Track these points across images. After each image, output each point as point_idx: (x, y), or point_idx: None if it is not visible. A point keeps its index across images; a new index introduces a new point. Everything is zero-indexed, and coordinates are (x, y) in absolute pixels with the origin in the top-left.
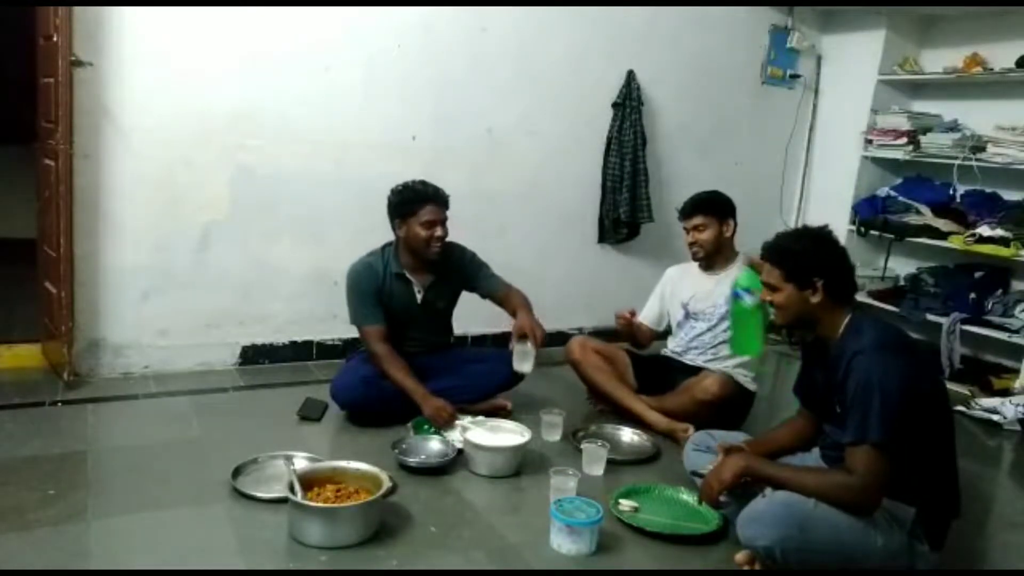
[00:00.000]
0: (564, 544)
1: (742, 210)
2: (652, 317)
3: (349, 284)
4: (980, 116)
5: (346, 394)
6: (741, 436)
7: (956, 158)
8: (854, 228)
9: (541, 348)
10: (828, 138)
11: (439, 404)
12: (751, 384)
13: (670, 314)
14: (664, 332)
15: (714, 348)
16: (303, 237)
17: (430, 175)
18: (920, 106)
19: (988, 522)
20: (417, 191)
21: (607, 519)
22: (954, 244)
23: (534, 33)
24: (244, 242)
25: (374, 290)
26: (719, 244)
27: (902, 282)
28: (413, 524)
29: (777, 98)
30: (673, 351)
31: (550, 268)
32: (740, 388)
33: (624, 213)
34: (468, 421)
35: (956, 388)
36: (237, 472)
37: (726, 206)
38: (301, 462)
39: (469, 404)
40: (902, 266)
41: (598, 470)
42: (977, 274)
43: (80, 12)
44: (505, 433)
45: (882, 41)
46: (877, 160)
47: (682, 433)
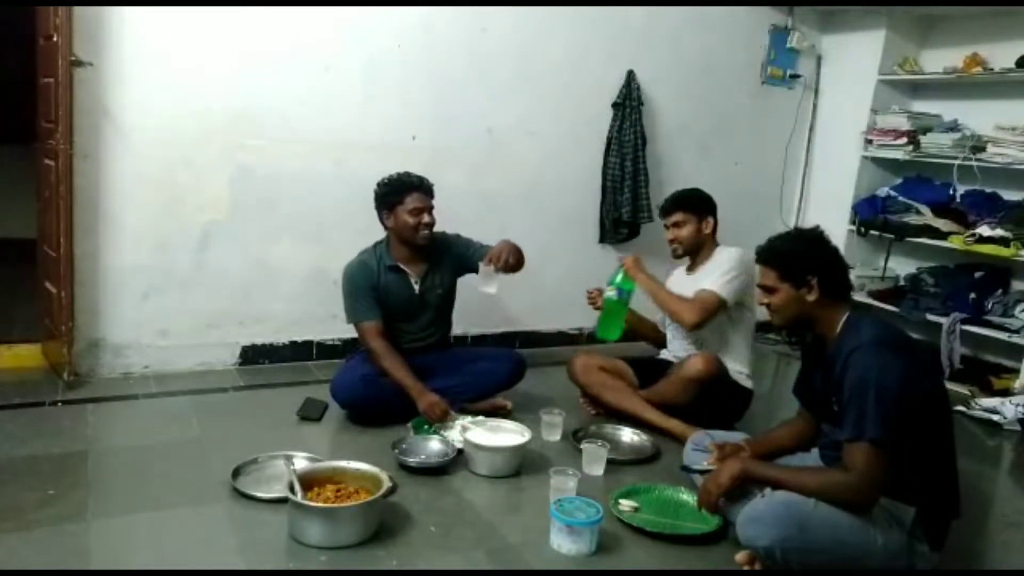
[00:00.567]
0: (564, 544)
1: (742, 210)
2: (659, 317)
3: (345, 282)
4: (980, 116)
5: (346, 393)
6: (740, 436)
7: (956, 158)
8: (854, 228)
9: (507, 273)
10: (828, 138)
11: (434, 400)
12: (747, 382)
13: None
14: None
15: (701, 347)
16: (303, 237)
17: (430, 175)
18: (920, 106)
19: (988, 522)
20: (402, 181)
21: (607, 519)
22: (954, 244)
23: (534, 33)
24: (244, 242)
25: (370, 286)
26: (698, 241)
27: (902, 282)
28: (413, 524)
29: (777, 98)
30: (668, 353)
31: (550, 268)
32: (733, 382)
33: (626, 213)
34: (468, 421)
35: (956, 388)
36: (237, 472)
37: (705, 203)
38: (301, 462)
39: (469, 403)
40: (902, 266)
41: (598, 470)
42: (977, 274)
43: (80, 12)
44: (505, 433)
45: (882, 41)
46: (877, 160)
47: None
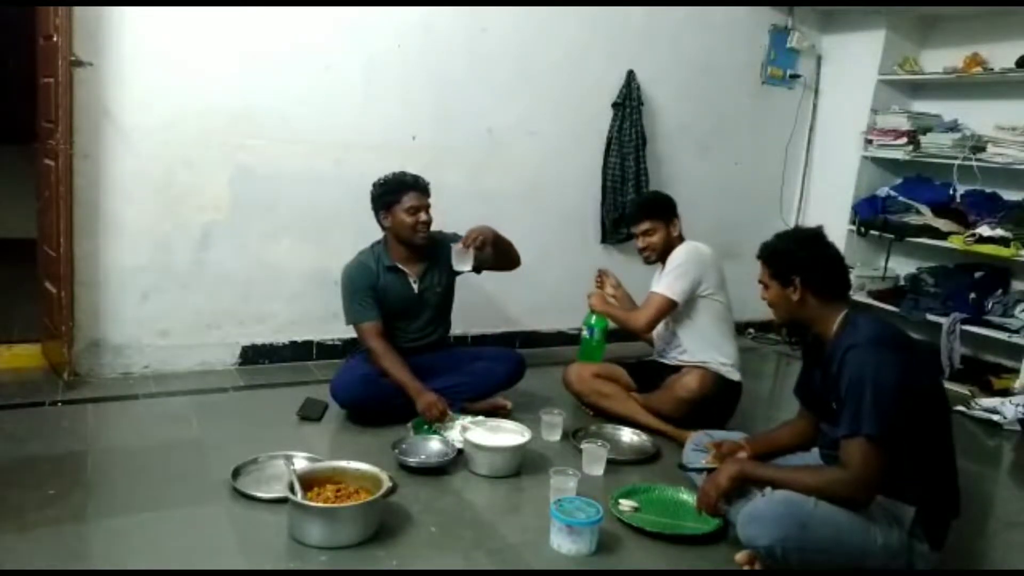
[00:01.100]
0: (564, 544)
1: (742, 210)
2: None
3: (344, 283)
4: (980, 116)
5: (346, 392)
6: (739, 435)
7: (956, 158)
8: (854, 228)
9: (481, 258)
10: (828, 138)
11: (431, 399)
12: (734, 374)
13: None
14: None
15: (679, 345)
16: (303, 237)
17: (430, 175)
18: (920, 106)
19: (988, 522)
20: (398, 180)
21: (607, 519)
22: (954, 244)
23: (534, 33)
24: (244, 242)
25: (369, 286)
26: (669, 244)
27: (902, 282)
28: (413, 524)
29: (777, 98)
30: (655, 353)
31: (550, 268)
32: (723, 381)
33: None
34: (468, 421)
35: (956, 388)
36: (237, 472)
37: (670, 206)
38: (301, 462)
39: (469, 403)
40: (902, 266)
41: (598, 470)
42: (977, 274)
43: (80, 12)
44: (505, 433)
45: (882, 41)
46: (877, 160)
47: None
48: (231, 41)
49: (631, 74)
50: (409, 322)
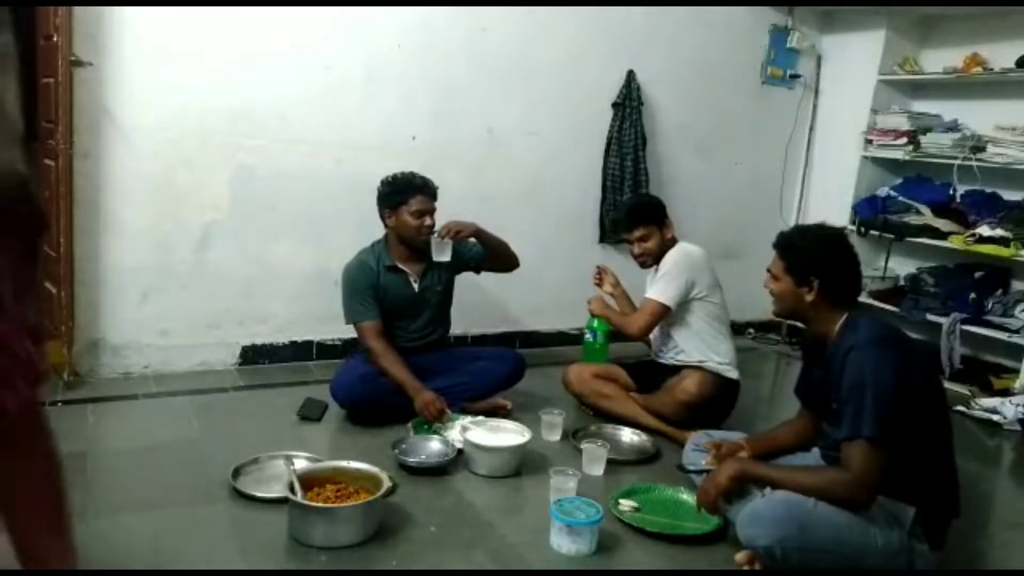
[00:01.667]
0: (564, 544)
1: (742, 210)
2: None
3: (345, 282)
4: (980, 116)
5: (345, 392)
6: (739, 435)
7: (956, 158)
8: (854, 228)
9: (455, 241)
10: (828, 138)
11: (429, 398)
12: (732, 372)
13: None
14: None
15: (676, 346)
16: (303, 237)
17: (430, 175)
18: (920, 106)
19: (988, 522)
20: (408, 181)
21: (607, 519)
22: (954, 244)
23: (534, 33)
24: (244, 242)
25: (370, 285)
26: (664, 248)
27: (902, 282)
28: (413, 524)
29: (777, 98)
30: (653, 353)
31: (550, 268)
32: (722, 380)
33: None
34: (468, 421)
35: (956, 388)
36: (237, 472)
37: (661, 210)
38: (301, 462)
39: (469, 403)
40: (902, 266)
41: (598, 470)
42: (977, 274)
43: (80, 12)
44: (505, 433)
45: (882, 41)
46: (877, 160)
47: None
48: (231, 41)
49: (631, 74)
50: (409, 322)
